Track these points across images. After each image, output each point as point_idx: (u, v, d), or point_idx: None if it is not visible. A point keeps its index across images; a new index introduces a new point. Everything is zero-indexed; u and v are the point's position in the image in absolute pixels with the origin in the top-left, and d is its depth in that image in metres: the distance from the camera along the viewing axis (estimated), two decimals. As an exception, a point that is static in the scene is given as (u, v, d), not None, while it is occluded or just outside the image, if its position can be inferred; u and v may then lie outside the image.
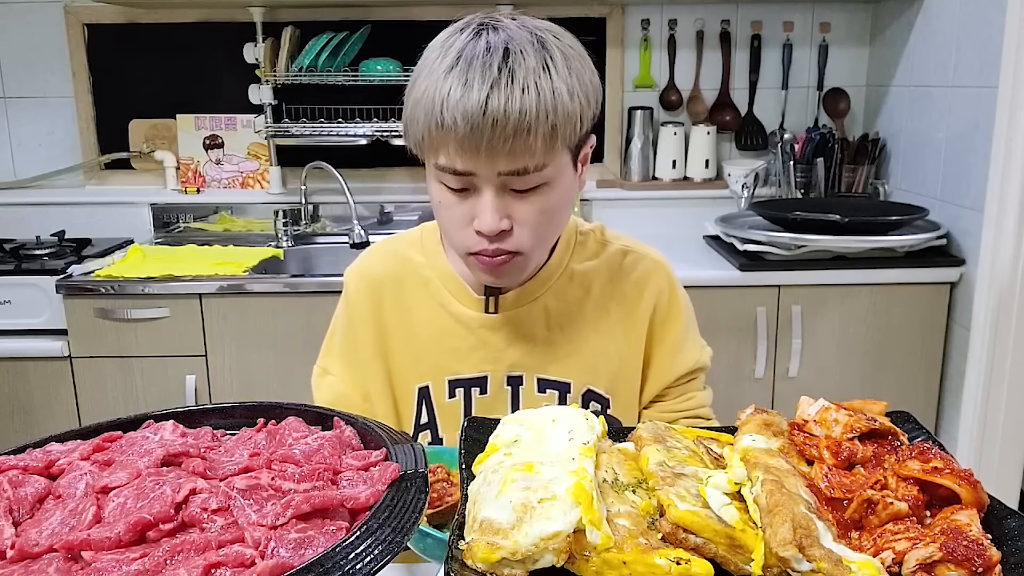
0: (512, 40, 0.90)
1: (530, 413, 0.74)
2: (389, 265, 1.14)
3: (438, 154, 0.92)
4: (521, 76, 0.88)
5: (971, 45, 2.18)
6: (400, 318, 1.11)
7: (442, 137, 0.90)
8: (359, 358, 1.12)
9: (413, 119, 0.93)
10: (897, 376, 2.28)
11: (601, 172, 2.87)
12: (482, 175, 0.91)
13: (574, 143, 0.95)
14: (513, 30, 0.91)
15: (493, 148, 0.88)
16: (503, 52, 0.89)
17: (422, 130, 0.92)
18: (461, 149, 0.89)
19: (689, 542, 0.59)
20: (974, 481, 0.63)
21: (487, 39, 0.90)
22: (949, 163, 2.30)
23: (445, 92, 0.88)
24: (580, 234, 1.13)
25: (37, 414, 2.32)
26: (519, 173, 0.91)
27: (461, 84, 0.88)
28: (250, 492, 0.66)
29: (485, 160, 0.89)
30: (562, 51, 0.93)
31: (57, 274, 2.27)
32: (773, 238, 2.25)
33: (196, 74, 2.81)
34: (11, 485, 0.70)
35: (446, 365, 1.09)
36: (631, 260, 1.12)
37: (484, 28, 0.92)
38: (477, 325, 1.08)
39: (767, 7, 2.75)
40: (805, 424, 0.74)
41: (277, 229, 2.68)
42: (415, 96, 0.93)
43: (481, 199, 0.93)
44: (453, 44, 0.91)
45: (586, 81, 0.94)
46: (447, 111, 0.88)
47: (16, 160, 2.85)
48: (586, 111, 0.94)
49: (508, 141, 0.88)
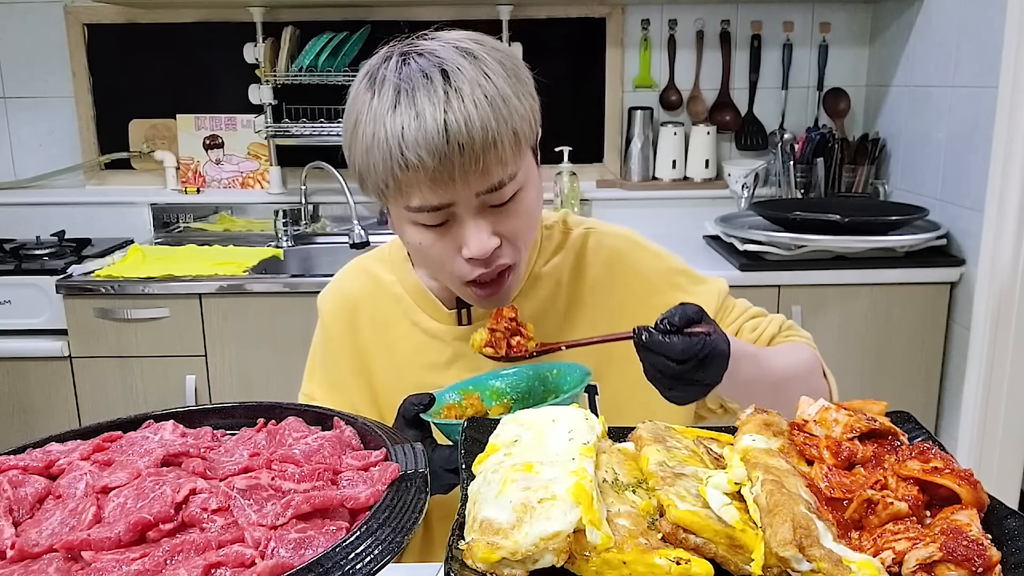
0: (443, 60, 0.86)
1: (530, 413, 0.74)
2: (361, 284, 1.12)
3: (409, 197, 0.88)
4: (468, 91, 0.84)
5: (971, 45, 2.18)
6: (378, 337, 1.10)
7: (410, 178, 0.85)
8: (343, 381, 1.11)
9: (369, 168, 0.88)
10: (897, 376, 2.28)
11: (601, 172, 2.87)
12: (460, 203, 0.88)
13: (534, 141, 0.94)
14: (439, 50, 0.88)
15: (466, 172, 0.85)
16: (440, 73, 0.85)
17: (384, 177, 0.87)
18: (433, 184, 0.85)
19: (689, 542, 0.59)
20: (974, 481, 0.63)
21: (418, 65, 0.86)
22: (949, 163, 2.30)
23: (399, 130, 0.84)
24: (545, 228, 1.11)
25: (37, 414, 2.32)
26: (496, 188, 0.88)
27: (412, 117, 0.83)
28: (250, 492, 0.66)
29: (461, 186, 0.86)
30: (492, 56, 0.89)
31: (57, 274, 2.27)
32: (773, 238, 2.25)
33: (196, 74, 2.81)
34: (11, 485, 0.70)
35: (427, 380, 1.07)
36: (595, 241, 1.10)
37: (408, 56, 0.88)
38: (452, 338, 1.07)
39: (767, 7, 2.75)
40: (805, 424, 0.74)
41: (277, 229, 2.68)
42: (364, 143, 0.87)
43: (465, 227, 0.90)
44: (385, 79, 0.87)
45: (524, 78, 0.92)
46: (408, 150, 0.83)
47: (16, 160, 2.85)
48: (534, 105, 0.92)
49: (479, 161, 0.84)
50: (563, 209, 1.14)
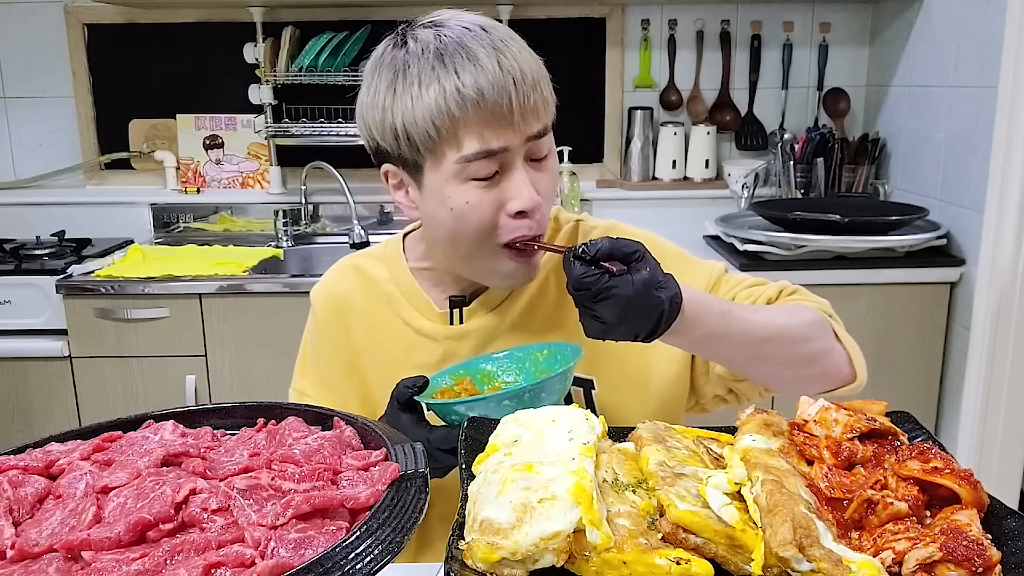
0: (475, 22, 0.92)
1: (530, 413, 0.74)
2: (354, 282, 1.13)
3: (463, 142, 0.89)
4: (511, 42, 0.91)
5: (971, 45, 2.18)
6: (369, 335, 1.10)
7: (467, 119, 0.88)
8: (334, 377, 1.11)
9: (417, 119, 0.89)
10: (897, 376, 2.28)
11: (601, 172, 2.87)
12: (513, 148, 0.91)
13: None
14: (463, 19, 0.93)
15: (522, 108, 0.89)
16: (473, 33, 0.90)
17: (438, 122, 0.88)
18: (493, 120, 0.88)
19: (689, 542, 0.59)
20: (974, 481, 0.63)
21: (451, 30, 0.91)
22: (949, 163, 2.30)
23: (453, 75, 0.87)
24: None
25: (37, 414, 2.32)
26: (542, 134, 0.93)
27: (466, 58, 0.88)
28: (250, 492, 0.66)
29: (516, 127, 0.89)
30: (504, 32, 0.94)
31: (57, 274, 2.27)
32: (773, 238, 2.25)
33: (196, 74, 2.81)
34: (11, 485, 0.70)
35: None
36: (584, 230, 1.11)
37: (434, 26, 0.92)
38: (443, 337, 1.07)
39: (767, 7, 2.75)
40: (805, 424, 0.74)
41: (277, 229, 2.68)
42: (410, 96, 0.89)
43: (513, 177, 0.92)
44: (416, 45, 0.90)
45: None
46: (467, 87, 0.87)
47: (16, 160, 2.85)
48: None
49: (530, 97, 0.89)
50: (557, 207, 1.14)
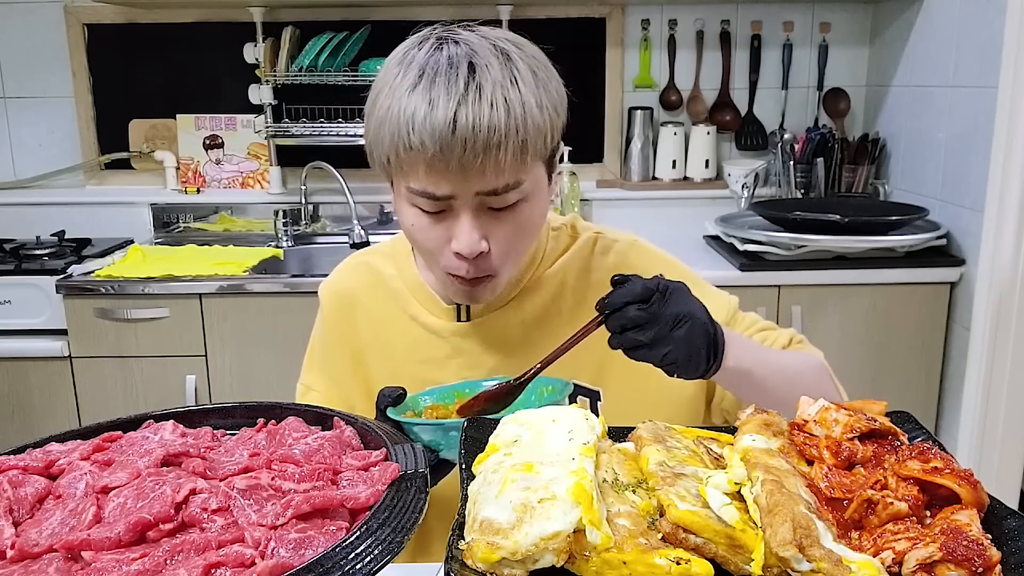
0: (475, 54, 0.86)
1: (530, 413, 0.74)
2: (361, 278, 1.13)
3: (408, 177, 0.89)
4: (488, 91, 0.84)
5: (971, 45, 2.18)
6: (374, 331, 1.10)
7: (411, 159, 0.86)
8: (340, 373, 1.11)
9: (378, 139, 0.89)
10: (897, 376, 2.28)
11: (601, 172, 2.87)
12: (459, 196, 0.88)
13: (546, 156, 0.94)
14: (475, 43, 0.88)
15: (464, 167, 0.85)
16: (468, 66, 0.85)
17: (388, 152, 0.88)
18: (431, 171, 0.86)
19: (689, 542, 0.59)
20: (974, 481, 0.63)
21: (449, 53, 0.86)
22: (949, 163, 2.30)
23: (410, 112, 0.85)
24: (553, 230, 1.11)
25: (37, 414, 2.32)
26: (496, 192, 0.88)
27: (426, 103, 0.84)
28: (250, 492, 0.66)
29: (458, 180, 0.86)
30: (527, 62, 0.89)
31: (57, 274, 2.27)
32: (773, 238, 2.25)
33: (196, 74, 2.81)
34: (11, 485, 0.70)
35: (424, 375, 1.06)
36: (602, 246, 1.10)
37: (444, 42, 0.88)
38: (450, 333, 1.07)
39: (767, 7, 2.75)
40: (805, 424, 0.74)
41: (277, 229, 2.68)
42: (378, 115, 0.88)
43: (459, 221, 0.90)
44: (413, 59, 0.87)
45: (552, 91, 0.92)
46: (414, 132, 0.84)
47: (16, 160, 2.85)
48: (555, 122, 0.92)
49: (479, 158, 0.84)
50: (572, 214, 1.13)
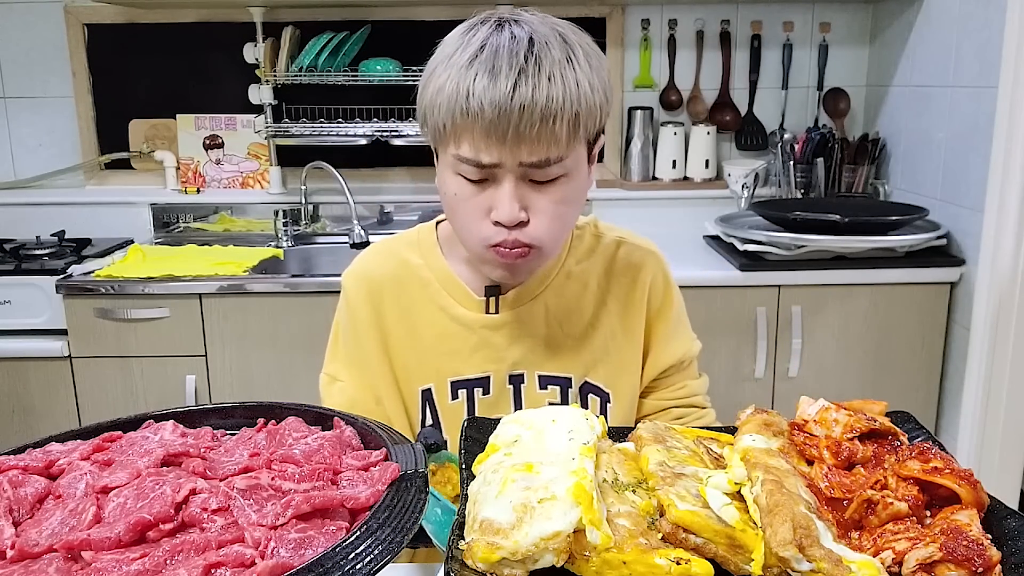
0: (536, 32, 0.91)
1: (530, 413, 0.74)
2: (388, 266, 1.13)
3: (460, 144, 0.92)
4: (547, 66, 0.89)
5: (971, 45, 2.18)
6: (401, 320, 1.10)
7: (467, 125, 0.90)
8: (366, 361, 1.11)
9: (433, 107, 0.92)
10: (897, 376, 2.28)
11: (601, 172, 2.87)
12: (505, 165, 0.91)
13: (592, 135, 0.97)
14: (535, 24, 0.92)
15: (519, 136, 0.88)
16: (528, 43, 0.89)
17: (444, 118, 0.91)
18: (486, 137, 0.89)
19: (689, 542, 0.59)
20: (974, 481, 0.63)
21: (511, 31, 0.91)
22: (949, 163, 2.30)
23: (471, 80, 0.88)
24: (576, 228, 1.13)
25: (37, 414, 2.32)
26: (541, 165, 0.91)
27: (488, 71, 0.88)
28: (250, 492, 0.66)
29: (510, 149, 0.89)
30: (582, 47, 0.94)
31: (57, 274, 2.27)
32: (773, 238, 2.24)
33: (196, 74, 2.81)
34: (11, 485, 0.70)
35: (448, 367, 1.08)
36: (625, 251, 1.12)
37: (506, 22, 0.93)
38: (479, 326, 1.08)
39: (767, 7, 2.75)
40: (805, 424, 0.74)
41: (277, 229, 2.68)
42: (436, 84, 0.92)
43: (500, 189, 0.93)
44: (475, 35, 0.91)
45: (604, 78, 0.96)
46: (473, 98, 0.88)
47: (16, 160, 2.85)
48: (605, 106, 0.96)
49: (534, 128, 0.88)
50: (592, 215, 1.16)
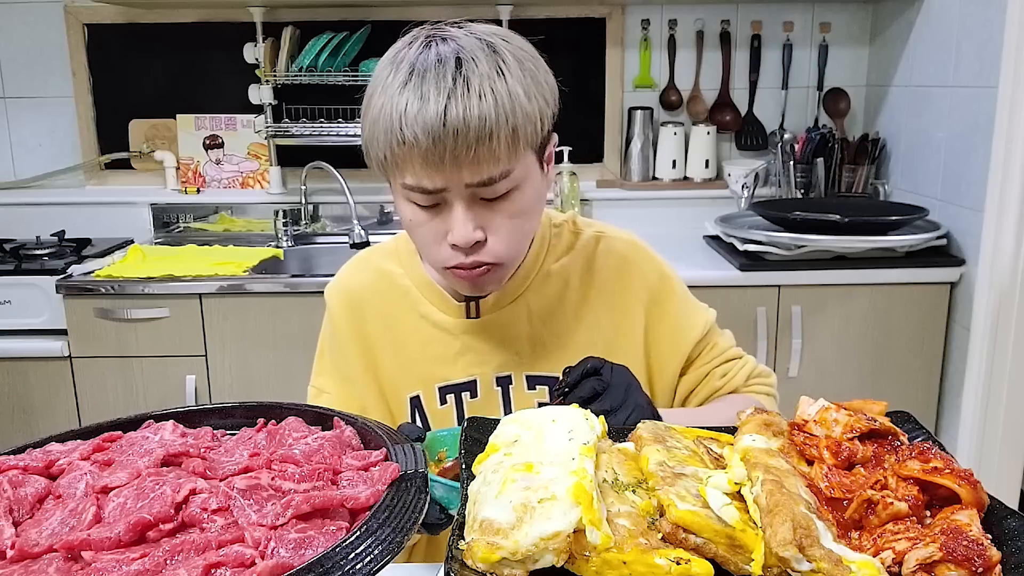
0: (462, 49, 0.89)
1: (530, 413, 0.74)
2: (367, 278, 1.13)
3: (403, 173, 0.91)
4: (476, 83, 0.87)
5: (971, 45, 2.18)
6: (384, 330, 1.11)
7: (405, 154, 0.89)
8: (351, 373, 1.12)
9: (373, 139, 0.92)
10: (897, 376, 2.28)
11: (601, 172, 2.87)
12: (451, 189, 0.90)
13: (537, 144, 0.95)
14: (462, 39, 0.91)
15: (457, 159, 0.87)
16: (455, 61, 0.88)
17: (383, 149, 0.90)
18: (426, 164, 0.88)
19: (689, 542, 0.59)
20: (974, 481, 0.63)
21: (437, 50, 0.89)
22: (949, 163, 2.30)
23: (402, 108, 0.87)
24: (554, 227, 1.13)
25: (37, 414, 2.32)
26: (487, 183, 0.90)
27: (417, 98, 0.87)
28: (250, 492, 0.66)
29: (451, 173, 0.88)
30: (513, 54, 0.92)
31: (57, 274, 2.27)
32: (773, 238, 2.24)
33: (196, 74, 2.81)
34: (11, 485, 0.70)
35: (434, 373, 1.09)
36: (605, 245, 1.12)
37: (432, 40, 0.91)
38: (460, 331, 1.08)
39: (767, 7, 2.75)
40: (805, 424, 0.74)
41: (277, 229, 2.68)
42: (372, 115, 0.91)
43: (452, 213, 0.92)
44: (404, 58, 0.90)
45: (541, 81, 0.94)
46: (406, 127, 0.87)
47: (16, 160, 2.85)
48: (545, 110, 0.94)
49: (471, 150, 0.87)
50: (572, 211, 1.15)
